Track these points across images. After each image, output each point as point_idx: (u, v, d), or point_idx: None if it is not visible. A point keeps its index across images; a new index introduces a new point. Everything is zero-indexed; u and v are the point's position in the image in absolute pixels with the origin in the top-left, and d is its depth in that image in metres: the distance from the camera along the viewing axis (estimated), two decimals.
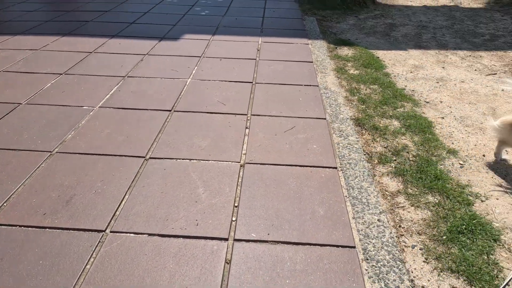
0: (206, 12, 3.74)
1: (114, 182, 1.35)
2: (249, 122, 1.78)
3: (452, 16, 3.81)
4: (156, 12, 3.69)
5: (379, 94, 2.12)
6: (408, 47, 2.99)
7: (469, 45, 3.04)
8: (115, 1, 4.14)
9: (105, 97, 1.98)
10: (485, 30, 3.38)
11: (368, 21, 3.67)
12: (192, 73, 2.31)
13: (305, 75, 2.32)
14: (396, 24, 3.57)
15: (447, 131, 1.80)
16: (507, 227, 1.24)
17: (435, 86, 2.29)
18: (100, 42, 2.82)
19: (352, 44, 2.98)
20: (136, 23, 3.34)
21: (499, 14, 3.84)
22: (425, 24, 3.58)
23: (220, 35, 3.03)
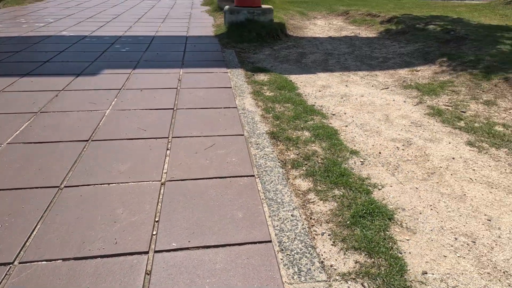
0: (126, 48, 3.78)
1: (25, 214, 1.29)
2: (170, 144, 1.83)
3: (353, 44, 4.37)
4: (73, 51, 3.63)
5: (292, 110, 2.33)
6: (317, 71, 3.35)
7: (367, 66, 3.50)
8: (27, 42, 3.98)
9: (14, 134, 1.88)
10: (379, 54, 3.94)
11: (282, 51, 4.03)
12: (112, 104, 2.31)
13: (225, 99, 2.47)
14: (306, 53, 3.98)
15: (350, 136, 2.04)
16: (399, 207, 1.44)
17: (340, 101, 2.59)
18: (9, 81, 2.68)
19: (268, 70, 3.24)
20: (51, 61, 3.24)
21: (389, 41, 4.50)
22: (331, 51, 4.05)
23: (141, 69, 3.09)
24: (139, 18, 5.87)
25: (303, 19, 6.09)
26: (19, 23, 5.24)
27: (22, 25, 5.02)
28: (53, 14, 6.12)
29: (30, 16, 5.84)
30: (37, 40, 4.06)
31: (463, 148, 1.93)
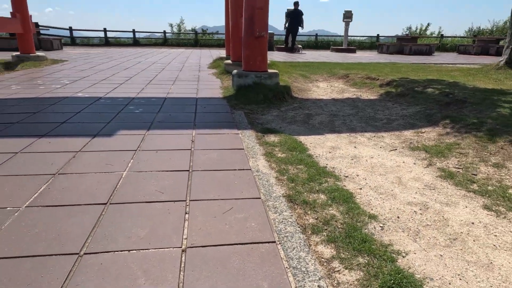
0: (140, 110, 3.93)
1: (44, 285, 1.25)
2: (188, 207, 1.83)
3: (356, 106, 4.56)
4: (88, 112, 3.77)
5: (305, 172, 2.37)
6: (324, 132, 3.45)
7: (372, 128, 3.62)
8: (44, 103, 4.15)
9: (32, 196, 1.89)
10: (382, 115, 4.09)
11: (289, 112, 4.19)
12: (128, 166, 2.35)
13: (238, 160, 2.51)
14: (312, 114, 4.14)
15: (365, 199, 2.05)
16: (426, 277, 1.40)
17: (351, 163, 2.64)
18: (27, 142, 2.75)
19: (277, 132, 3.34)
20: (68, 122, 3.35)
21: (390, 103, 4.70)
22: (336, 113, 4.21)
23: (155, 130, 3.18)
24: (150, 80, 6.19)
25: (306, 81, 6.42)
26: (36, 84, 5.51)
27: (39, 87, 5.27)
28: (69, 76, 6.46)
29: (47, 78, 6.16)
30: (53, 102, 4.24)
31: (480, 212, 1.93)
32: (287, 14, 14.62)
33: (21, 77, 6.24)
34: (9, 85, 5.42)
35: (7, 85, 5.42)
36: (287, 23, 14.59)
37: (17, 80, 5.94)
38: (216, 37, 26.19)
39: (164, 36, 23.45)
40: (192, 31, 25.77)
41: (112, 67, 8.17)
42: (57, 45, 14.56)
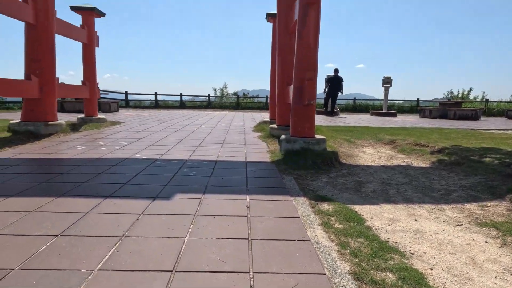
0: (194, 173, 4.10)
1: None
2: (252, 280, 1.80)
3: (408, 174, 4.44)
4: (147, 174, 3.99)
5: (367, 247, 2.27)
6: (379, 202, 3.35)
7: (430, 199, 3.46)
8: (108, 164, 4.47)
9: (103, 259, 1.97)
10: (439, 185, 3.92)
11: (339, 179, 4.15)
12: (189, 231, 2.40)
13: (296, 230, 2.48)
14: (363, 181, 4.07)
15: (439, 282, 1.90)
16: None
17: (415, 238, 2.50)
18: (95, 202, 2.93)
19: (330, 200, 3.29)
20: (129, 184, 3.56)
21: (445, 172, 4.52)
22: (388, 181, 4.11)
23: (210, 194, 3.27)
24: (200, 143, 6.51)
25: (352, 147, 6.42)
26: (99, 145, 5.99)
27: (101, 147, 5.72)
28: (126, 137, 6.98)
29: (107, 139, 6.70)
30: (115, 162, 4.55)
31: None
32: (327, 80, 15.27)
33: (85, 138, 6.85)
34: (75, 145, 5.95)
35: (74, 145, 5.95)
36: (327, 88, 15.15)
37: (82, 140, 6.51)
38: (257, 100, 27.50)
39: (208, 99, 25.06)
40: (234, 94, 27.34)
41: (164, 129, 8.74)
42: (114, 108, 16.00)
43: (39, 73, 6.93)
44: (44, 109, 7.08)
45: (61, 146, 5.85)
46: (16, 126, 6.87)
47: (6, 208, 2.76)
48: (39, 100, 7.02)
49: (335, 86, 14.95)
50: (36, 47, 6.90)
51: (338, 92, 15.22)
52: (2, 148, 5.50)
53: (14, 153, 5.17)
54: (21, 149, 5.48)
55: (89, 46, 9.23)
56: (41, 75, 6.95)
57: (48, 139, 6.58)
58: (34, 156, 4.97)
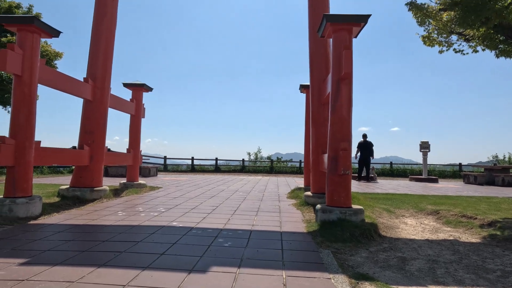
0: (229, 243, 4.08)
1: None
2: None
3: (457, 250, 4.11)
4: (183, 243, 4.03)
5: None
6: (427, 283, 3.10)
7: (485, 281, 3.15)
8: (146, 231, 4.58)
9: None
10: (493, 265, 3.58)
11: (380, 254, 3.93)
12: None
13: None
14: (407, 258, 3.81)
15: None
16: None
17: None
18: (133, 274, 2.97)
19: (372, 279, 3.10)
20: (166, 254, 3.59)
21: (499, 249, 4.15)
22: (434, 258, 3.82)
23: (245, 268, 3.21)
24: (235, 210, 6.54)
25: (392, 217, 6.14)
26: (138, 211, 6.20)
27: (141, 214, 5.91)
28: (164, 203, 7.19)
29: (146, 205, 6.93)
30: (153, 230, 4.66)
31: None
32: (358, 146, 15.36)
33: (126, 204, 7.13)
34: (116, 211, 6.20)
35: (115, 211, 6.20)
36: (358, 153, 15.27)
37: (123, 206, 6.79)
38: (290, 164, 27.63)
39: (242, 164, 25.53)
40: (267, 159, 27.73)
41: (200, 195, 8.93)
42: (154, 172, 16.71)
43: (91, 143, 7.58)
44: (91, 176, 7.58)
45: (103, 212, 6.12)
46: (65, 191, 7.35)
47: (52, 277, 2.87)
48: (88, 167, 7.56)
49: (366, 151, 15.13)
50: (91, 120, 7.66)
51: (370, 157, 15.31)
52: (50, 213, 5.85)
53: (60, 218, 5.46)
54: (67, 215, 5.79)
55: (136, 117, 10.07)
56: (93, 145, 7.59)
57: (92, 204, 6.93)
58: (78, 222, 5.21)
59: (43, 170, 16.40)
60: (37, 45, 5.77)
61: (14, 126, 5.55)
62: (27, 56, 5.55)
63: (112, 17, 8.12)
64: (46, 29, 5.81)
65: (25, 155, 5.56)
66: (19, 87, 5.55)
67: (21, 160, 5.51)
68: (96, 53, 7.81)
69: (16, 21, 5.63)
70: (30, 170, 5.69)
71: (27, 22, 5.56)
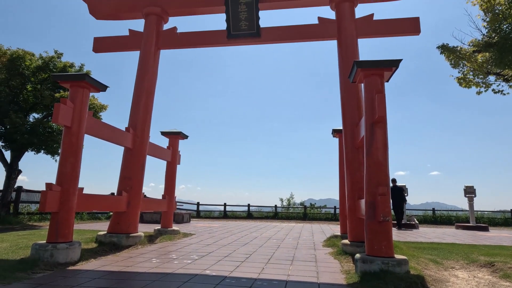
0: None
1: None
2: None
3: None
4: None
5: None
6: None
7: None
8: (179, 279, 4.50)
9: None
10: None
11: None
12: None
13: None
14: None
15: None
16: None
17: None
18: None
19: None
20: None
21: None
22: None
23: None
24: (269, 259, 6.31)
25: (439, 269, 5.64)
26: (171, 258, 6.15)
27: (174, 261, 5.86)
28: (197, 251, 7.10)
29: (180, 252, 6.88)
30: (187, 279, 4.57)
31: None
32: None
33: (159, 250, 7.13)
34: (150, 258, 6.19)
35: (149, 258, 6.20)
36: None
37: (156, 253, 6.78)
38: (324, 211, 26.74)
39: (275, 210, 25.05)
40: (301, 205, 27.08)
41: (232, 242, 8.76)
42: (187, 219, 16.78)
43: (129, 189, 7.85)
44: (128, 222, 7.75)
45: (138, 258, 6.13)
46: (102, 237, 7.51)
47: None
48: (125, 213, 7.76)
49: (398, 197, 14.56)
50: (130, 167, 8.01)
51: (403, 203, 14.77)
52: (88, 259, 5.96)
53: (97, 265, 5.53)
54: (104, 261, 5.86)
55: (172, 164, 10.41)
56: (131, 191, 7.85)
57: (128, 251, 6.98)
58: (114, 269, 5.25)
59: (82, 216, 16.99)
60: (86, 99, 6.30)
61: (61, 174, 5.90)
62: (77, 109, 6.05)
63: (154, 74, 8.78)
64: (95, 84, 6.36)
65: (69, 201, 5.83)
66: (67, 137, 5.99)
67: (65, 206, 5.78)
68: (137, 104, 8.37)
69: (70, 78, 6.23)
70: (72, 216, 5.92)
71: (79, 79, 6.14)
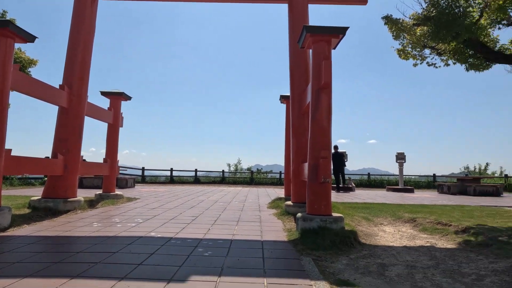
0: (209, 253, 4.00)
1: None
2: None
3: (433, 256, 4.20)
4: (161, 253, 3.91)
5: None
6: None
7: (461, 285, 3.23)
8: (123, 242, 4.43)
9: None
10: (468, 270, 3.68)
11: (360, 261, 3.96)
12: None
13: None
14: (386, 264, 3.86)
15: None
16: None
17: None
18: (108, 284, 2.85)
19: (353, 285, 3.11)
20: (144, 264, 3.48)
21: (473, 254, 4.27)
22: (413, 264, 3.88)
23: (226, 277, 3.15)
24: (215, 220, 6.44)
25: (370, 225, 6.22)
26: (114, 222, 5.99)
27: (117, 225, 5.72)
28: (141, 214, 6.99)
29: (123, 216, 6.71)
30: (130, 241, 4.51)
31: None
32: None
33: (101, 215, 6.89)
34: (91, 222, 5.97)
35: (90, 222, 5.97)
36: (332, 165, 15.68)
37: (98, 217, 6.55)
38: (270, 175, 27.67)
39: (222, 175, 25.33)
40: (248, 170, 27.66)
41: (179, 205, 8.75)
42: (131, 184, 16.31)
43: (65, 152, 7.32)
44: (65, 186, 7.30)
45: (77, 223, 5.88)
46: (36, 203, 7.03)
47: None
48: (62, 177, 7.28)
49: (338, 162, 15.49)
50: (66, 128, 7.42)
51: (343, 167, 15.77)
52: (20, 225, 5.57)
53: (31, 230, 5.20)
54: (39, 226, 5.53)
55: (114, 126, 9.85)
56: (67, 153, 7.34)
57: (66, 216, 6.65)
58: (51, 233, 4.98)
59: (12, 181, 15.64)
60: (10, 50, 5.58)
61: None
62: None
63: (91, 26, 7.98)
64: (21, 33, 5.63)
65: None
66: None
67: None
68: (73, 59, 7.63)
69: None
70: None
71: (1, 26, 5.38)
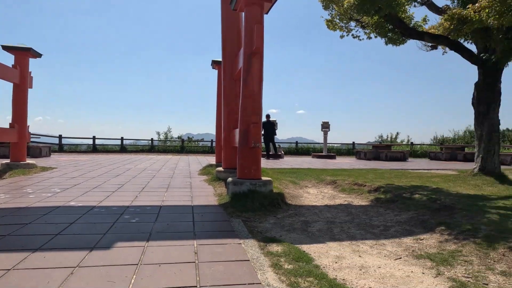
0: (136, 219, 3.87)
1: None
2: None
3: (350, 213, 4.66)
4: (83, 222, 3.67)
5: (317, 285, 2.29)
6: (325, 240, 3.44)
7: (371, 235, 3.65)
8: (36, 213, 4.04)
9: None
10: (378, 222, 4.16)
11: (286, 220, 4.21)
12: (131, 282, 2.21)
13: (246, 273, 2.43)
14: (309, 221, 4.17)
15: None
16: None
17: (360, 274, 2.59)
18: (20, 257, 2.59)
19: (279, 241, 3.30)
20: (62, 234, 3.23)
21: (382, 209, 4.84)
22: (332, 220, 4.26)
23: (154, 241, 3.09)
24: (143, 188, 6.22)
25: (296, 188, 6.61)
26: (26, 193, 5.41)
27: (29, 195, 5.18)
28: (59, 184, 6.42)
29: (37, 186, 6.09)
30: (46, 211, 4.13)
31: None
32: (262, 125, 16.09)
33: (10, 185, 6.16)
34: None
35: None
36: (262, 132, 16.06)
37: (6, 188, 5.84)
38: (202, 144, 27.42)
39: (151, 143, 24.34)
40: (178, 138, 26.99)
41: (102, 174, 8.23)
42: (46, 152, 14.77)
43: None
44: None
45: None
46: None
47: None
48: None
49: (270, 130, 15.97)
50: None
51: (274, 135, 16.31)
52: None
53: None
54: None
55: (21, 86, 8.63)
56: None
57: None
58: None
59: None
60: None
61: None
62: None
63: None
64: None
65: None
66: None
67: None
68: None
69: None
70: None
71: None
